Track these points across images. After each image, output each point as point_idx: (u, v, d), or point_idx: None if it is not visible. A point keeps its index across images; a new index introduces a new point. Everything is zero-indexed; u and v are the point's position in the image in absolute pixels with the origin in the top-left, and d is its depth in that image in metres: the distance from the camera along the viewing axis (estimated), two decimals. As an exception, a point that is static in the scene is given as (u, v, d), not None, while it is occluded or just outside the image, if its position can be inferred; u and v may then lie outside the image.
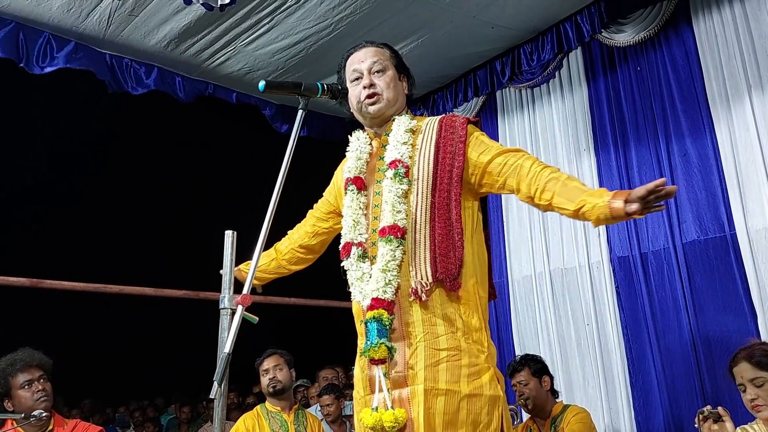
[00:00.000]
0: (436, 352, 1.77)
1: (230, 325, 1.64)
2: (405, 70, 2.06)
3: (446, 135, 1.91)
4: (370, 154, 2.04)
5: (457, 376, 1.75)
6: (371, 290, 1.82)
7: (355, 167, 2.03)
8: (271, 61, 4.30)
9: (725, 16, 3.44)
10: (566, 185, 1.68)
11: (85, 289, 3.09)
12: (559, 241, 4.10)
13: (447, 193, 1.84)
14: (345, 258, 1.96)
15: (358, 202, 1.98)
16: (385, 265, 1.81)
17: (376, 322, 1.79)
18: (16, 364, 2.63)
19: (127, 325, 9.07)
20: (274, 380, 3.45)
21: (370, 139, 2.07)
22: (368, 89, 1.97)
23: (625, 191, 1.55)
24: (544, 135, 4.33)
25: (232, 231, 2.39)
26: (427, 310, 1.80)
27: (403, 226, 1.84)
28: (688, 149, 3.51)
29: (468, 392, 1.74)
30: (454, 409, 1.73)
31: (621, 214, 1.54)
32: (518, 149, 1.87)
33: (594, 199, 1.60)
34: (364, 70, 1.99)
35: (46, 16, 3.62)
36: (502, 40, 4.32)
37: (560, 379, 3.90)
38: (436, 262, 1.80)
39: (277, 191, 1.69)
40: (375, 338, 1.77)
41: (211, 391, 1.54)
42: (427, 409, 1.72)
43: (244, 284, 1.68)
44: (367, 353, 1.79)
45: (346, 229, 1.98)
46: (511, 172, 1.80)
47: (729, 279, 3.26)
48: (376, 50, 2.03)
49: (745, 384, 2.19)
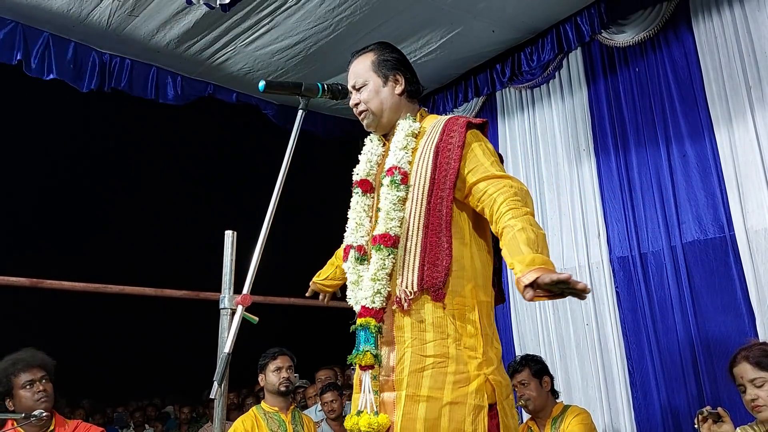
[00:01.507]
0: (422, 359, 1.76)
1: (230, 325, 1.64)
2: (396, 69, 2.00)
3: (446, 138, 1.88)
4: (382, 157, 2.04)
5: (441, 383, 1.73)
6: (362, 298, 1.84)
7: (363, 170, 2.04)
8: (271, 61, 4.31)
9: (725, 17, 3.44)
10: (514, 239, 1.64)
11: (85, 289, 3.09)
12: (559, 242, 4.10)
13: (441, 198, 1.83)
14: (345, 261, 1.99)
15: (363, 204, 1.99)
16: (375, 274, 1.82)
17: (363, 330, 1.81)
18: (19, 363, 2.63)
19: (127, 325, 9.07)
20: (288, 380, 3.46)
21: (383, 142, 2.07)
22: (355, 108, 2.01)
23: (543, 272, 1.51)
24: (544, 136, 4.33)
25: (232, 231, 2.40)
26: (416, 316, 1.80)
27: (395, 234, 1.83)
28: (688, 150, 3.51)
29: (450, 399, 1.71)
30: (435, 416, 1.70)
31: (521, 292, 1.54)
32: (502, 176, 1.80)
33: (518, 266, 1.58)
34: (350, 88, 2.02)
35: (46, 16, 3.62)
36: (502, 40, 4.32)
37: (560, 380, 3.90)
38: (424, 270, 1.78)
39: (277, 191, 1.69)
40: (362, 345, 1.81)
41: (211, 391, 1.54)
42: (406, 414, 1.72)
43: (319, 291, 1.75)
44: (353, 359, 1.82)
45: (348, 232, 1.99)
46: (488, 203, 1.77)
47: (728, 279, 3.26)
48: (357, 63, 2.04)
49: (745, 384, 2.19)
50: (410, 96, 2.03)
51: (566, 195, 4.10)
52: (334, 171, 5.87)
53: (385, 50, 2.05)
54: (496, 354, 1.84)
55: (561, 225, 4.12)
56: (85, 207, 8.50)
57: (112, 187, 8.62)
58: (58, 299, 6.09)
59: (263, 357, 3.58)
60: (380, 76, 2.00)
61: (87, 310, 7.94)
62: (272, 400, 3.48)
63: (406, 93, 2.01)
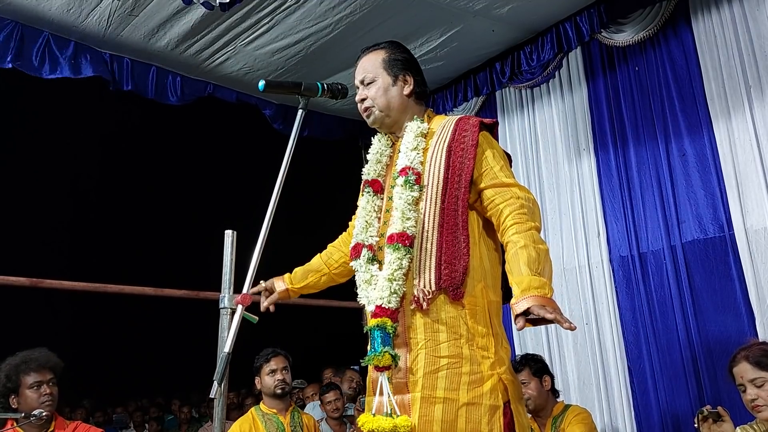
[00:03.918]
0: (436, 359, 1.76)
1: (230, 325, 1.64)
2: (406, 69, 2.00)
3: (459, 138, 1.88)
4: (390, 158, 2.03)
5: (456, 384, 1.73)
6: (376, 297, 1.81)
7: (373, 170, 2.02)
8: (271, 60, 4.31)
9: (724, 16, 3.44)
10: (516, 256, 1.71)
11: (85, 289, 3.09)
12: (559, 241, 4.10)
13: (456, 198, 1.82)
14: (354, 259, 1.95)
15: (373, 204, 1.98)
16: (392, 274, 1.79)
17: (380, 330, 1.78)
18: (31, 363, 2.63)
19: (126, 325, 9.07)
20: (284, 382, 3.40)
21: (391, 142, 2.06)
22: (361, 104, 1.99)
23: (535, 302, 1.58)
24: (544, 135, 4.33)
25: (232, 231, 2.40)
26: (430, 316, 1.79)
27: (411, 234, 1.82)
28: (687, 149, 3.51)
29: (467, 401, 1.72)
30: (452, 418, 1.71)
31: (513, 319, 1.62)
32: (510, 184, 1.84)
33: (515, 289, 1.66)
34: (358, 83, 2.01)
35: (46, 15, 3.62)
36: (501, 40, 4.32)
37: (559, 379, 3.90)
38: (441, 270, 1.78)
39: (277, 191, 1.70)
40: (379, 346, 1.76)
41: (211, 391, 1.54)
42: (422, 416, 1.71)
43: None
44: (371, 361, 1.78)
45: (358, 230, 1.97)
46: (494, 213, 1.82)
47: (727, 279, 3.26)
48: (368, 59, 2.02)
49: (745, 384, 2.19)
50: (418, 97, 2.02)
51: (566, 194, 4.11)
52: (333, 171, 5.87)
53: (397, 50, 2.04)
54: (507, 353, 1.84)
55: (561, 224, 4.12)
56: (85, 207, 8.50)
57: (112, 187, 8.62)
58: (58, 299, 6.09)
59: (257, 359, 3.51)
60: (390, 75, 1.99)
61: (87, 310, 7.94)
62: (270, 402, 3.44)
63: (414, 94, 2.01)
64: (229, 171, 8.34)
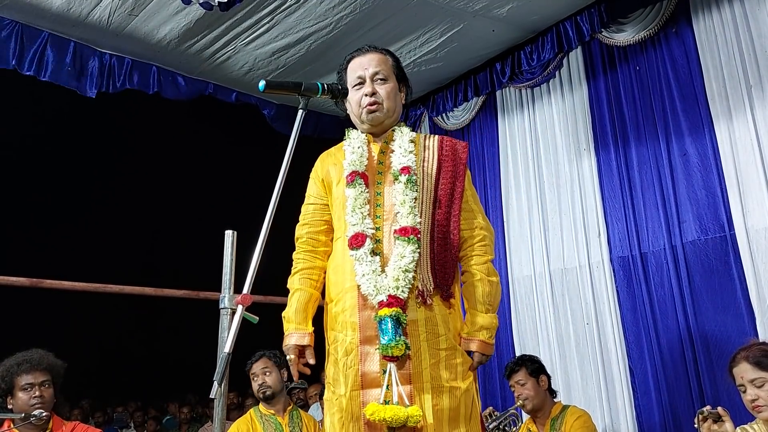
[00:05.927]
0: (437, 352, 1.87)
1: (230, 325, 1.64)
2: (405, 81, 2.12)
3: (447, 154, 2.03)
4: (370, 153, 2.07)
5: (455, 374, 1.87)
6: (390, 287, 1.85)
7: (358, 162, 2.03)
8: (271, 60, 4.30)
9: (725, 15, 3.44)
10: (472, 286, 2.00)
11: (85, 289, 3.09)
12: (560, 241, 4.10)
13: (447, 213, 1.97)
14: (355, 248, 1.92)
15: (365, 197, 1.98)
16: (407, 265, 1.87)
17: (393, 320, 1.81)
18: (24, 364, 2.61)
19: (127, 325, 9.08)
20: (264, 386, 3.37)
21: (368, 141, 2.10)
22: (370, 97, 2.01)
23: (481, 348, 1.95)
24: (544, 135, 4.33)
25: (232, 231, 2.39)
26: (430, 310, 1.89)
27: (420, 229, 1.92)
28: (688, 149, 3.51)
29: (465, 388, 1.87)
30: (456, 404, 1.83)
31: None
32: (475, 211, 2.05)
33: (468, 316, 1.98)
34: (367, 77, 2.03)
35: (46, 15, 3.62)
36: (502, 39, 4.32)
37: (559, 379, 3.90)
38: (436, 270, 1.92)
39: (277, 191, 1.69)
40: (394, 335, 1.80)
41: (211, 391, 1.54)
42: (435, 406, 1.80)
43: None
44: (386, 350, 1.80)
45: (355, 220, 1.94)
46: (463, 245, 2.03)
47: (728, 279, 3.26)
48: (380, 57, 2.07)
49: (745, 384, 2.19)
50: (402, 109, 2.16)
51: (566, 194, 4.10)
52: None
53: (397, 60, 2.14)
54: None
55: (561, 224, 4.12)
56: (85, 207, 8.50)
57: (112, 187, 8.61)
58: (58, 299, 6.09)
59: (247, 364, 3.49)
60: (397, 81, 2.08)
61: (87, 310, 7.94)
62: (265, 404, 3.43)
63: (402, 106, 2.14)
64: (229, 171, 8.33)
